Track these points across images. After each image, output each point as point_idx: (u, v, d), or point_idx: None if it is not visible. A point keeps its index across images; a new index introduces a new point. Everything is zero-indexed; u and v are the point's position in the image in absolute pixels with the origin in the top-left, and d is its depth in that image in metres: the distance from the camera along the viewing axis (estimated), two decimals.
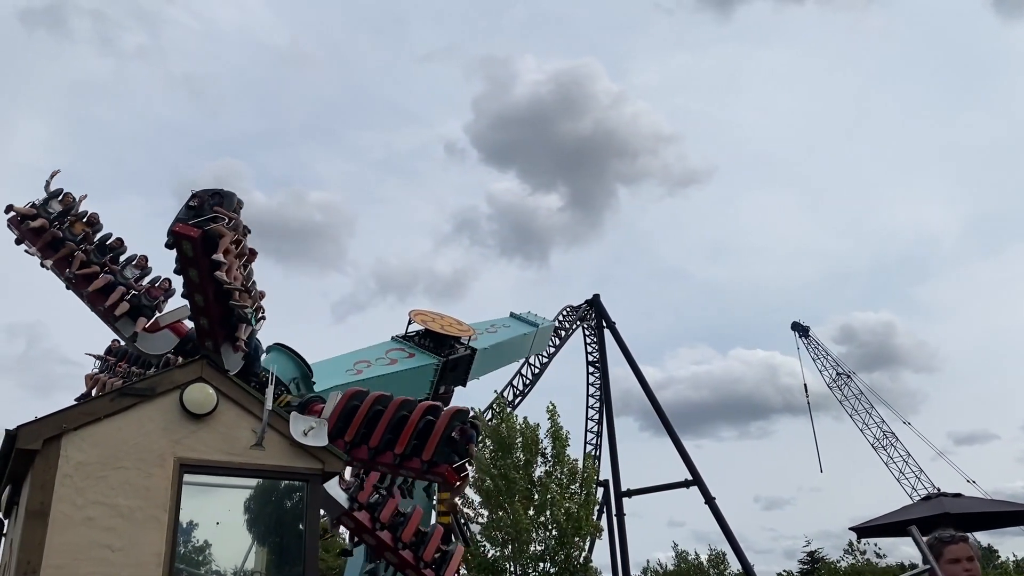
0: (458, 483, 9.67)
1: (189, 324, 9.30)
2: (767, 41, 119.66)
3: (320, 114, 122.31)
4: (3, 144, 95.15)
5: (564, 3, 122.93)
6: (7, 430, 8.72)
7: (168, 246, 8.00)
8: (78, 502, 8.53)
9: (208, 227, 7.14)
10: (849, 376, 63.70)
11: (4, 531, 10.65)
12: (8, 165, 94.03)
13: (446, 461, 9.23)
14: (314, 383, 9.10)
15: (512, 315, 9.33)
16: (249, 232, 8.03)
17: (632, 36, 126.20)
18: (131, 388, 9.28)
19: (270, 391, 9.10)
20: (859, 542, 33.56)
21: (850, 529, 19.37)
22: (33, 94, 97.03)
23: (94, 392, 10.58)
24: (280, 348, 9.81)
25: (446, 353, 7.85)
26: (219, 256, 7.13)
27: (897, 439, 60.45)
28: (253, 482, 9.89)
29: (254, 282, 8.24)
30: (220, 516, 9.70)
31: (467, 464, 9.65)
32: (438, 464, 9.17)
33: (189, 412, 9.27)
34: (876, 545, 34.20)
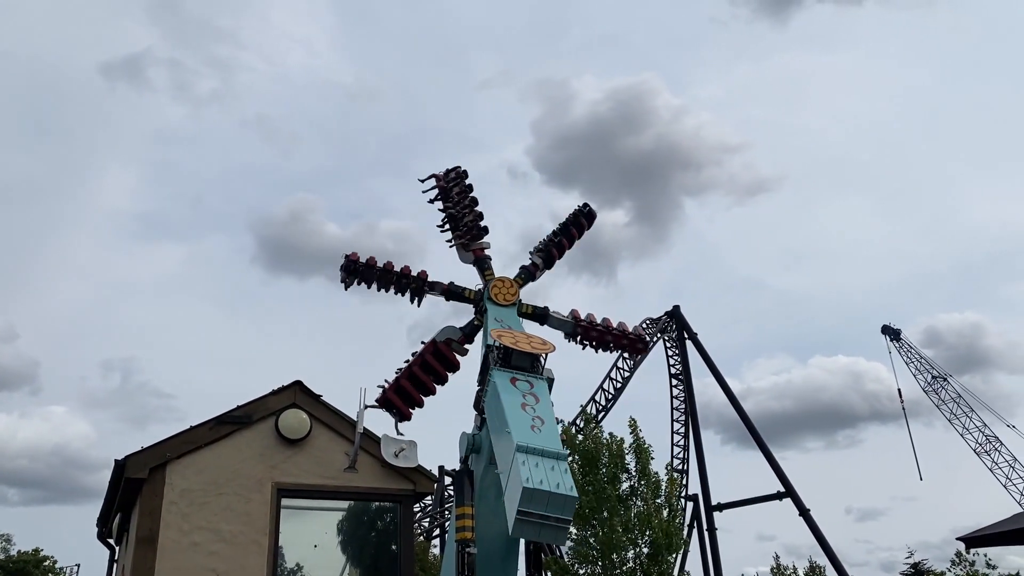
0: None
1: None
2: (830, 45, 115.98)
3: (387, 146, 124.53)
4: (95, 191, 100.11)
5: (619, 23, 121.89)
6: (116, 460, 9.12)
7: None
8: (184, 528, 8.85)
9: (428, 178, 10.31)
10: (945, 379, 60.90)
11: (116, 557, 11.13)
12: (99, 210, 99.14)
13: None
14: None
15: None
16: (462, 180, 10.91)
17: (690, 50, 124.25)
18: (229, 416, 9.61)
19: (361, 414, 9.26)
20: (968, 552, 31.87)
21: (958, 539, 18.49)
22: (118, 144, 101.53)
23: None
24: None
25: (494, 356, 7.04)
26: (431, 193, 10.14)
27: (1001, 443, 57.35)
28: (346, 504, 10.10)
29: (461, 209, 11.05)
30: (316, 538, 9.91)
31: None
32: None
33: (284, 437, 9.54)
34: (986, 556, 32.37)
